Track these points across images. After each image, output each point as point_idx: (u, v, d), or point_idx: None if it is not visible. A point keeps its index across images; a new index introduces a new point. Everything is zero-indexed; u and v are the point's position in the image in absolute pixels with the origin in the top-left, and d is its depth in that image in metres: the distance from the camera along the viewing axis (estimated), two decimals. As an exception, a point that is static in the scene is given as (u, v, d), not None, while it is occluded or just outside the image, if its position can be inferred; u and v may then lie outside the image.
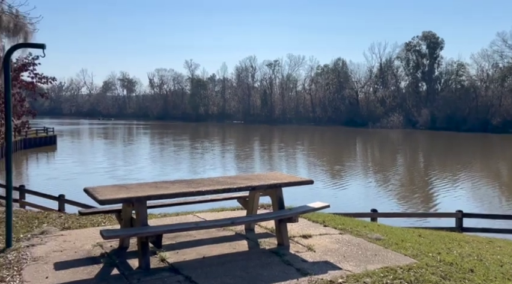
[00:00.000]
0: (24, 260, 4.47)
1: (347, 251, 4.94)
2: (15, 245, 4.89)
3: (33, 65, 19.80)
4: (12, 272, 4.09)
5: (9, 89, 4.92)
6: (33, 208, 11.75)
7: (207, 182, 5.00)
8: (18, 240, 5.14)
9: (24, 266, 4.30)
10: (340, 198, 18.95)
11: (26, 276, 4.04)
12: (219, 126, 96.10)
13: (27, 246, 4.89)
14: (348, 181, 24.25)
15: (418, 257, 4.73)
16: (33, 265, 4.34)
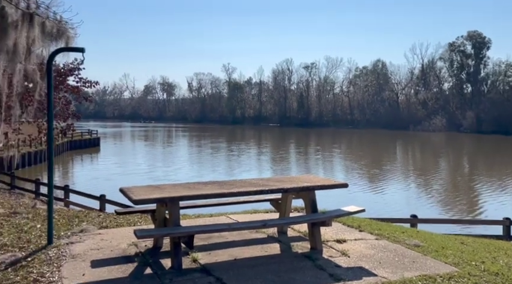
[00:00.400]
0: (63, 257, 4.63)
1: (382, 257, 4.76)
2: (56, 242, 5.08)
3: (78, 70, 20.77)
4: (52, 269, 4.25)
5: (51, 92, 5.13)
6: (76, 207, 12.23)
7: (239, 184, 4.98)
8: (59, 238, 5.33)
9: (63, 262, 4.45)
10: (377, 202, 18.44)
11: (65, 272, 4.18)
12: (255, 128, 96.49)
13: (67, 244, 5.07)
14: (387, 185, 23.57)
15: (460, 265, 4.48)
16: (72, 262, 4.49)
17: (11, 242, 5.08)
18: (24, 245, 4.98)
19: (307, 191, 5.01)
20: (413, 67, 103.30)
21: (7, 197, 10.79)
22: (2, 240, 5.16)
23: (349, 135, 74.35)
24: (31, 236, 5.40)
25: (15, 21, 6.37)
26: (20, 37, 6.36)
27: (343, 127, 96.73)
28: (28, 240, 5.16)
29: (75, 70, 20.24)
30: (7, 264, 4.29)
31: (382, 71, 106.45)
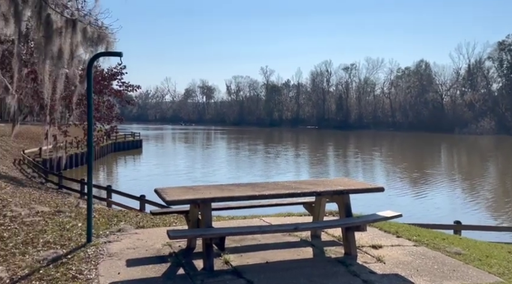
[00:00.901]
0: (101, 255, 4.78)
1: (420, 264, 4.56)
2: (95, 241, 5.26)
3: (120, 75, 21.54)
4: (90, 266, 4.39)
5: (90, 96, 5.33)
6: (117, 207, 12.65)
7: (271, 186, 4.95)
8: (98, 237, 5.52)
9: (101, 261, 4.59)
10: (418, 208, 17.77)
11: (101, 270, 4.31)
12: (293, 131, 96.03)
13: (105, 243, 5.23)
14: (429, 190, 22.67)
15: (505, 275, 4.21)
16: (108, 260, 4.62)
17: (53, 239, 5.32)
18: (65, 242, 5.20)
19: (341, 195, 4.89)
20: (459, 67, 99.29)
21: (54, 196, 11.33)
22: (45, 237, 5.40)
23: (390, 138, 72.32)
24: (72, 234, 5.63)
25: (60, 28, 6.69)
26: (64, 43, 6.67)
27: (384, 130, 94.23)
28: (69, 238, 5.37)
29: (118, 75, 21.05)
30: (49, 260, 4.48)
31: (425, 72, 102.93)
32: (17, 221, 6.29)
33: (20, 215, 6.70)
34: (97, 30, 6.50)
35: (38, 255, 4.66)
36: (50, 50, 6.74)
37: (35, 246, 5.01)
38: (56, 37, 7.24)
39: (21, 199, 8.71)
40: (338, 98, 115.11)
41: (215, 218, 6.54)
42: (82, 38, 7.06)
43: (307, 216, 6.34)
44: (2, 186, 10.64)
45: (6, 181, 12.47)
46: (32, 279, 3.99)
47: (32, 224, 6.13)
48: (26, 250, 4.86)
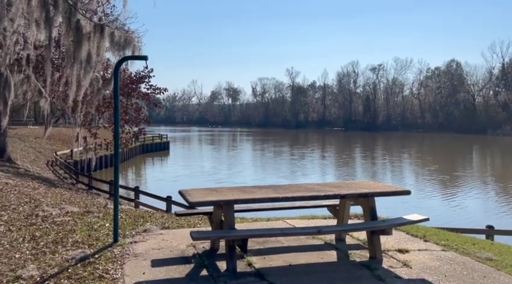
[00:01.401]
0: (127, 255, 4.87)
1: (449, 270, 4.41)
2: (121, 241, 5.37)
3: (148, 78, 21.96)
4: (116, 266, 4.48)
5: (117, 98, 5.45)
6: (145, 207, 12.87)
7: (294, 189, 4.91)
8: (124, 237, 5.63)
9: (127, 261, 4.68)
10: (447, 211, 17.24)
11: (127, 270, 4.39)
12: (319, 132, 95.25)
13: (131, 243, 5.33)
14: (459, 193, 21.96)
15: (540, 285, 4.01)
16: (134, 260, 4.71)
17: (82, 239, 5.46)
18: (93, 242, 5.33)
19: (366, 198, 4.80)
20: (492, 67, 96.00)
21: (84, 197, 11.65)
22: (74, 237, 5.56)
23: (420, 140, 70.60)
24: (100, 234, 5.77)
25: (88, 33, 6.89)
26: (92, 48, 6.86)
27: (413, 131, 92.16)
28: (97, 238, 5.51)
29: (146, 78, 21.49)
30: (77, 260, 4.60)
31: (457, 71, 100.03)
32: (48, 221, 6.50)
33: (51, 215, 6.93)
34: (124, 34, 6.67)
35: (67, 254, 4.80)
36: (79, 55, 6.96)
37: (65, 246, 5.16)
38: (85, 42, 7.47)
39: (53, 199, 9.00)
40: (365, 99, 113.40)
41: (238, 220, 6.56)
42: (109, 42, 7.26)
43: (332, 219, 6.27)
44: (36, 186, 11.03)
45: (40, 182, 12.92)
46: (61, 277, 4.10)
47: (62, 224, 6.32)
48: (56, 249, 5.01)
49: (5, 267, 4.39)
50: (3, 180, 10.85)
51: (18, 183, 10.73)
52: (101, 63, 8.59)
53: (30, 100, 19.41)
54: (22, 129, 33.34)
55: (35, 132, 31.68)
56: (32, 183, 11.57)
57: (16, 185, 10.39)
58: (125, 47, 6.76)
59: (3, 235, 5.59)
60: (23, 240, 5.36)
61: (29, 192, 9.40)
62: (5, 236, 5.53)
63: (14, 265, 4.46)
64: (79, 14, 7.42)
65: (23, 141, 27.95)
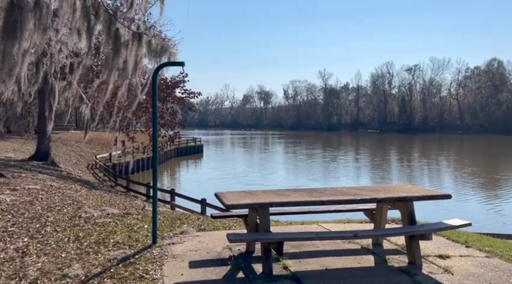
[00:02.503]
0: (165, 256, 5.00)
1: (493, 277, 4.24)
2: (160, 242, 5.51)
3: (183, 83, 22.43)
4: (155, 267, 4.61)
5: (155, 103, 5.62)
6: (180, 209, 13.13)
7: (330, 192, 4.88)
8: (163, 238, 5.78)
9: (165, 261, 4.80)
10: (490, 216, 16.50)
11: (166, 271, 4.51)
12: (352, 135, 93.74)
13: (169, 244, 5.47)
14: (503, 197, 20.97)
15: None
16: (172, 261, 4.83)
17: (122, 240, 5.66)
18: (133, 243, 5.50)
19: (404, 202, 4.70)
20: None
21: (123, 199, 12.03)
22: (115, 238, 5.76)
23: (458, 141, 68.06)
24: (139, 235, 5.95)
25: (127, 41, 7.15)
26: (130, 55, 7.11)
27: (451, 133, 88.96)
28: (136, 239, 5.68)
29: (180, 83, 21.98)
30: (118, 260, 4.77)
31: (498, 71, 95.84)
32: (91, 222, 6.77)
33: (93, 217, 7.21)
34: (161, 42, 6.88)
35: (109, 254, 4.98)
36: (117, 62, 7.23)
37: (106, 246, 5.36)
38: (123, 50, 7.75)
39: (94, 201, 9.35)
40: (401, 100, 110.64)
41: (273, 223, 6.57)
42: (146, 50, 7.51)
43: (368, 224, 6.17)
44: (78, 189, 11.50)
45: (81, 184, 13.46)
46: (104, 277, 4.27)
47: (104, 225, 6.56)
48: (98, 249, 5.22)
49: (53, 266, 4.61)
50: (48, 182, 11.39)
51: (61, 186, 11.23)
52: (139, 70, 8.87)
53: (72, 106, 20.30)
54: (64, 133, 34.87)
55: (76, 136, 33.04)
56: (74, 186, 12.07)
57: (60, 187, 10.87)
58: (162, 54, 6.97)
59: (50, 235, 5.87)
60: (68, 241, 5.61)
61: (71, 194, 9.81)
62: (51, 236, 5.81)
63: (60, 263, 4.68)
64: (118, 23, 7.71)
65: (65, 145, 29.21)
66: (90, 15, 7.65)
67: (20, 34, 6.69)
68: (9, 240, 5.56)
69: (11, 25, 6.66)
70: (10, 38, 6.64)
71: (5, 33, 6.64)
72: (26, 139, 28.48)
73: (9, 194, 8.62)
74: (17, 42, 6.77)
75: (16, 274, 4.36)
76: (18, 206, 7.69)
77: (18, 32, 6.68)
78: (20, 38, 6.73)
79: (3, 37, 6.63)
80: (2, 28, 6.58)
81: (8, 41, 6.73)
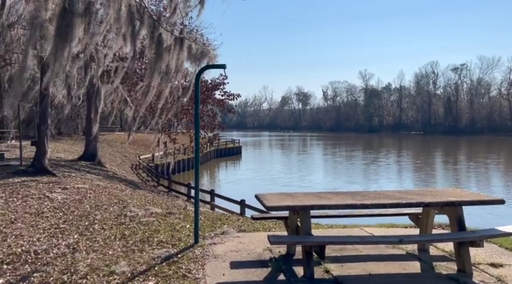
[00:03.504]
0: (207, 256, 5.07)
1: (552, 290, 3.96)
2: (201, 242, 5.60)
3: (222, 85, 22.72)
4: (197, 266, 4.69)
5: (198, 106, 5.72)
6: (220, 210, 13.29)
7: (373, 195, 4.76)
8: (204, 238, 5.87)
9: (207, 261, 4.87)
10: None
11: (208, 271, 4.57)
12: (394, 137, 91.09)
13: (210, 244, 5.54)
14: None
15: None
16: (214, 261, 4.89)
17: (166, 239, 5.80)
18: (175, 242, 5.62)
19: (453, 207, 4.50)
20: None
21: (165, 199, 12.34)
22: (159, 237, 5.92)
23: (510, 144, 64.40)
24: (181, 234, 6.07)
25: (169, 46, 7.34)
26: (172, 59, 7.30)
27: (502, 135, 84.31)
28: (179, 239, 5.80)
29: (220, 85, 22.27)
30: (162, 258, 4.90)
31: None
32: (135, 221, 6.99)
33: (138, 216, 7.44)
34: (201, 47, 7.02)
35: (153, 253, 5.12)
36: (159, 66, 7.44)
37: (151, 245, 5.51)
38: (166, 54, 7.96)
39: (138, 201, 9.66)
40: (446, 101, 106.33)
41: (313, 226, 6.49)
42: (187, 54, 7.67)
43: (413, 228, 5.96)
44: (123, 188, 11.93)
45: (126, 184, 13.95)
46: (149, 275, 4.39)
47: (148, 224, 6.76)
48: (143, 248, 5.38)
49: (101, 262, 4.80)
50: (95, 182, 11.90)
51: (107, 185, 11.69)
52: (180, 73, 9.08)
53: (117, 108, 21.11)
54: (110, 134, 36.30)
55: (121, 137, 34.28)
56: (119, 185, 12.53)
57: (106, 186, 11.32)
58: (202, 58, 7.11)
59: (98, 233, 6.12)
60: (114, 238, 5.83)
61: (117, 194, 10.19)
62: (99, 234, 6.06)
63: (108, 260, 4.86)
64: (161, 28, 7.93)
65: (110, 146, 30.39)
66: (135, 21, 7.92)
67: (70, 38, 7.00)
68: (61, 237, 5.86)
69: (63, 30, 6.98)
70: (61, 42, 6.97)
71: (57, 37, 6.97)
72: (75, 140, 29.91)
73: (61, 192, 9.08)
74: (67, 46, 7.09)
75: (68, 269, 4.58)
76: (69, 204, 8.09)
77: (69, 36, 6.99)
78: (70, 42, 7.05)
79: (56, 40, 6.97)
80: (54, 32, 6.92)
81: (59, 45, 7.06)
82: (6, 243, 5.47)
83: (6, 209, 7.40)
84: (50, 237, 5.79)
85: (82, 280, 4.28)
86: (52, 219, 6.83)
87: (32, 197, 8.48)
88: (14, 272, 4.49)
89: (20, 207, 7.56)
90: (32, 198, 8.33)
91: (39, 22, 6.55)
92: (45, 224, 6.50)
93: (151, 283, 4.20)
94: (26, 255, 5.01)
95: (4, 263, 4.72)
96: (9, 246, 5.35)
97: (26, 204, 7.88)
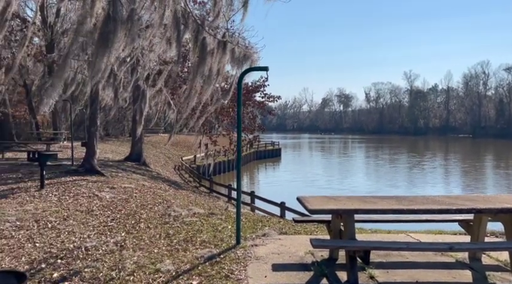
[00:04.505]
0: (249, 257, 5.10)
1: None
2: (243, 243, 5.64)
3: (263, 87, 22.83)
4: (240, 267, 4.72)
5: (240, 108, 5.78)
6: (260, 212, 13.33)
7: (421, 200, 4.59)
8: (245, 239, 5.90)
9: (249, 263, 4.90)
10: None
11: (250, 272, 4.59)
12: (441, 140, 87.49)
13: (252, 246, 5.56)
14: None
15: None
16: (256, 263, 4.90)
17: (208, 239, 5.89)
18: (218, 243, 5.70)
19: (509, 214, 4.25)
20: None
21: (207, 199, 12.55)
22: (201, 237, 6.02)
23: None
24: (223, 235, 6.14)
25: (212, 50, 7.46)
26: (214, 63, 7.41)
27: (560, 138, 78.76)
28: (221, 239, 5.88)
29: (261, 87, 22.38)
30: (205, 258, 4.98)
31: None
32: (179, 221, 7.16)
33: (181, 215, 7.61)
34: (244, 50, 7.07)
35: (196, 252, 5.22)
36: (202, 69, 7.57)
37: (194, 244, 5.62)
38: (209, 58, 8.09)
39: (181, 201, 9.88)
40: (498, 102, 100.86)
41: (356, 230, 6.35)
42: (230, 57, 7.76)
43: (463, 236, 5.70)
44: (166, 188, 12.26)
45: (169, 184, 14.32)
46: (193, 274, 4.48)
47: (191, 224, 6.90)
48: (186, 247, 5.49)
49: (147, 260, 4.95)
50: (141, 182, 12.30)
51: (152, 185, 12.05)
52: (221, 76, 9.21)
53: (160, 111, 21.76)
54: (154, 136, 37.46)
55: (164, 139, 35.22)
56: (163, 185, 12.89)
57: (151, 186, 11.68)
58: (244, 61, 7.18)
59: (144, 231, 6.32)
60: (159, 237, 5.99)
61: (161, 194, 10.48)
62: (145, 232, 6.25)
63: (153, 258, 5.01)
64: (205, 32, 8.08)
65: (155, 147, 31.34)
66: (180, 25, 8.11)
67: (111, 44, 7.29)
68: (109, 234, 6.10)
69: (105, 36, 7.28)
70: (103, 47, 7.27)
71: (99, 43, 7.28)
72: (122, 142, 31.12)
73: (109, 191, 9.47)
74: (107, 51, 7.38)
75: (116, 265, 4.76)
76: (116, 203, 8.41)
77: (110, 42, 7.28)
78: (110, 48, 7.34)
79: (98, 46, 7.28)
80: (97, 38, 7.23)
81: (101, 51, 7.37)
82: (60, 239, 5.78)
83: (59, 206, 7.82)
84: (99, 235, 6.05)
85: (129, 276, 4.43)
86: (101, 217, 7.13)
87: (83, 195, 8.90)
88: (67, 266, 4.73)
89: (72, 205, 7.96)
90: (82, 197, 8.75)
91: (85, 28, 6.87)
92: (95, 222, 6.80)
93: (194, 282, 4.28)
94: (78, 251, 5.26)
95: (58, 258, 4.99)
96: (63, 242, 5.64)
97: (77, 202, 8.28)
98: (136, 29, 7.26)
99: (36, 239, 5.72)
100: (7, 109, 21.72)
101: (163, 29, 8.70)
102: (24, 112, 26.66)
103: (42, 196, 8.66)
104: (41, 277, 4.41)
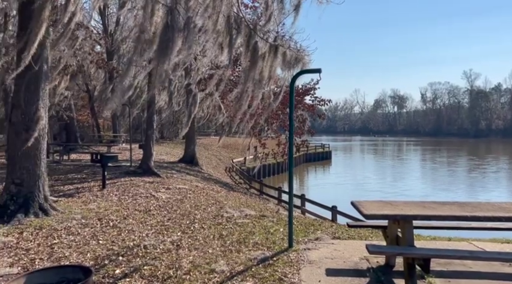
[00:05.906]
0: (302, 261, 5.07)
1: None
2: (295, 247, 5.62)
3: (313, 90, 22.65)
4: (293, 270, 4.72)
5: (292, 111, 5.78)
6: (310, 215, 13.21)
7: (485, 207, 4.33)
8: (298, 243, 5.88)
9: (302, 266, 4.87)
10: None
11: (303, 276, 4.57)
12: (506, 142, 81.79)
13: (304, 249, 5.53)
14: None
15: None
16: (309, 266, 4.87)
17: (260, 241, 5.94)
18: (270, 245, 5.73)
19: None
20: None
21: (257, 201, 12.65)
22: (254, 238, 6.08)
23: None
24: (275, 238, 6.16)
25: (263, 54, 7.53)
26: (265, 66, 7.46)
27: None
28: (273, 242, 5.90)
29: (311, 90, 22.22)
30: (258, 261, 5.02)
31: None
32: (231, 222, 7.28)
33: (233, 217, 7.74)
34: (295, 53, 7.06)
35: (249, 254, 5.28)
36: (253, 74, 7.65)
37: (247, 246, 5.69)
38: (260, 62, 8.17)
39: (233, 202, 10.04)
40: None
41: (414, 237, 6.12)
42: (281, 61, 7.78)
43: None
44: (218, 190, 12.51)
45: (221, 186, 14.61)
46: (246, 275, 4.53)
47: (243, 225, 6.99)
48: (239, 248, 5.57)
49: (202, 260, 5.09)
50: (194, 183, 12.66)
51: (205, 186, 12.36)
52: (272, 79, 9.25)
53: (211, 114, 22.27)
54: (206, 139, 38.42)
55: (215, 141, 36.02)
56: (215, 187, 13.17)
57: (204, 187, 11.98)
58: (295, 64, 7.17)
59: (198, 232, 6.50)
60: (213, 238, 6.13)
61: (214, 195, 10.72)
62: (199, 233, 6.43)
63: (208, 258, 5.13)
64: (257, 36, 8.17)
65: (207, 149, 32.11)
66: (232, 30, 8.27)
67: (170, 52, 7.58)
68: (166, 234, 6.34)
69: (164, 44, 7.58)
70: (163, 55, 7.57)
71: (159, 51, 7.59)
72: (176, 144, 32.18)
73: (164, 192, 9.84)
74: (167, 58, 7.68)
75: (173, 264, 4.93)
76: (172, 203, 8.72)
77: (169, 49, 7.57)
78: (170, 55, 7.63)
79: (158, 54, 7.59)
80: (157, 46, 7.55)
81: (161, 58, 7.68)
82: (120, 237, 6.09)
83: (120, 205, 8.24)
84: (156, 234, 6.30)
85: (185, 275, 4.58)
86: (158, 217, 7.43)
87: (141, 195, 9.32)
88: (128, 264, 4.97)
89: (131, 205, 8.36)
90: (140, 197, 9.16)
91: (145, 36, 7.20)
92: (152, 221, 7.09)
93: (248, 283, 4.33)
94: (137, 249, 5.51)
95: (120, 255, 5.25)
96: (123, 240, 5.94)
97: (136, 202, 8.68)
98: (192, 37, 7.51)
99: (99, 236, 6.07)
100: (72, 114, 23.26)
101: (216, 34, 8.90)
102: (86, 116, 28.42)
103: (104, 195, 9.18)
104: (104, 272, 4.67)
